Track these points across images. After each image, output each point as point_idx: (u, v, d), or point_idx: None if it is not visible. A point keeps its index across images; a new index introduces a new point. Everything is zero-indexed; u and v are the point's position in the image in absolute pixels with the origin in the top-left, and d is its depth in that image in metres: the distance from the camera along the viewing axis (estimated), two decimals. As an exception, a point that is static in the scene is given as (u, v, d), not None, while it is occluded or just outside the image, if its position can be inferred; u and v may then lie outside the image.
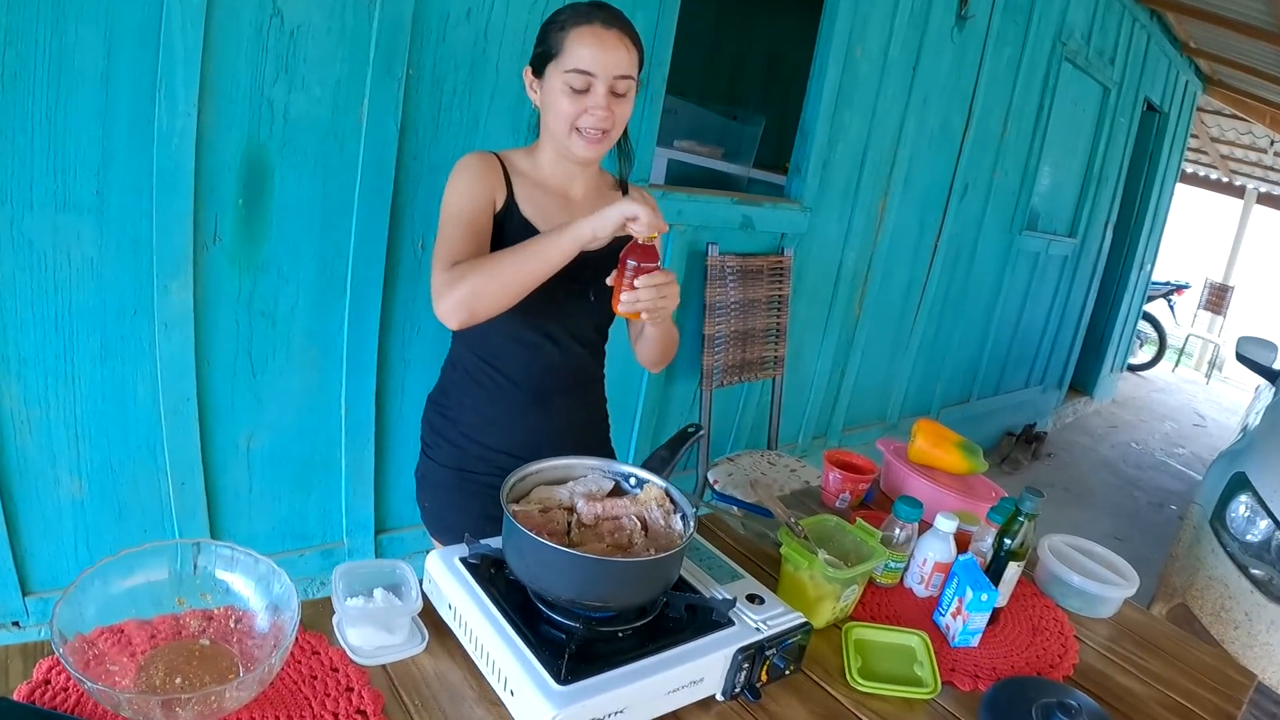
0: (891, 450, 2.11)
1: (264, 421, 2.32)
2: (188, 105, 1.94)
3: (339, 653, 1.19)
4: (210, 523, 2.32)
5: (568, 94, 1.57)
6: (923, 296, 4.42)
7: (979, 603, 1.47)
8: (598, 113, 1.58)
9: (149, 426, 2.16)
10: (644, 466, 1.38)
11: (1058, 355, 6.41)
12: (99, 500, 2.17)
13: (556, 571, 1.14)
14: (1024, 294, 5.43)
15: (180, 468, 2.22)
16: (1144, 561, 4.44)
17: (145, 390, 2.12)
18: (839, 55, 3.30)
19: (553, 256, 1.50)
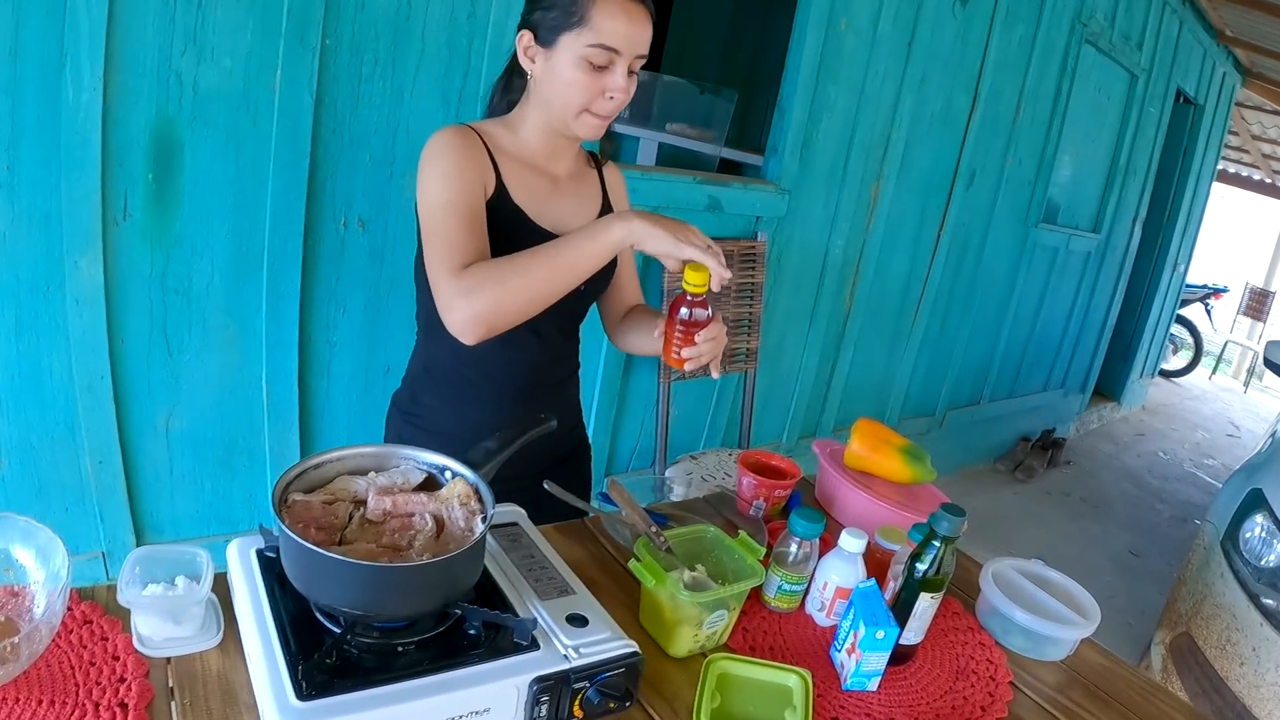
0: (827, 454, 1.90)
1: (182, 401, 2.27)
2: (93, 79, 1.90)
3: (126, 640, 1.12)
4: (130, 503, 2.29)
5: (586, 69, 1.43)
6: (924, 289, 4.26)
7: (874, 640, 1.26)
8: (619, 95, 1.46)
9: (65, 404, 2.13)
10: (465, 459, 1.24)
11: (1080, 358, 6.21)
12: (19, 477, 2.14)
13: (311, 572, 1.02)
14: (1041, 291, 5.24)
15: (98, 446, 2.18)
16: (1160, 580, 4.33)
17: (60, 367, 2.09)
18: (819, 25, 3.16)
19: (585, 266, 1.40)
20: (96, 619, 1.15)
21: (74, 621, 1.14)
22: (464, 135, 1.51)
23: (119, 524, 2.29)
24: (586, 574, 1.35)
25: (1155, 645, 3.16)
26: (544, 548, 1.30)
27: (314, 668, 0.96)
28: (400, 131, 2.32)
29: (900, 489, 1.84)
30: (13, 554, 1.11)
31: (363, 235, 2.36)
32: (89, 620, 1.15)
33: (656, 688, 1.22)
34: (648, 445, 3.37)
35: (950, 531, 1.31)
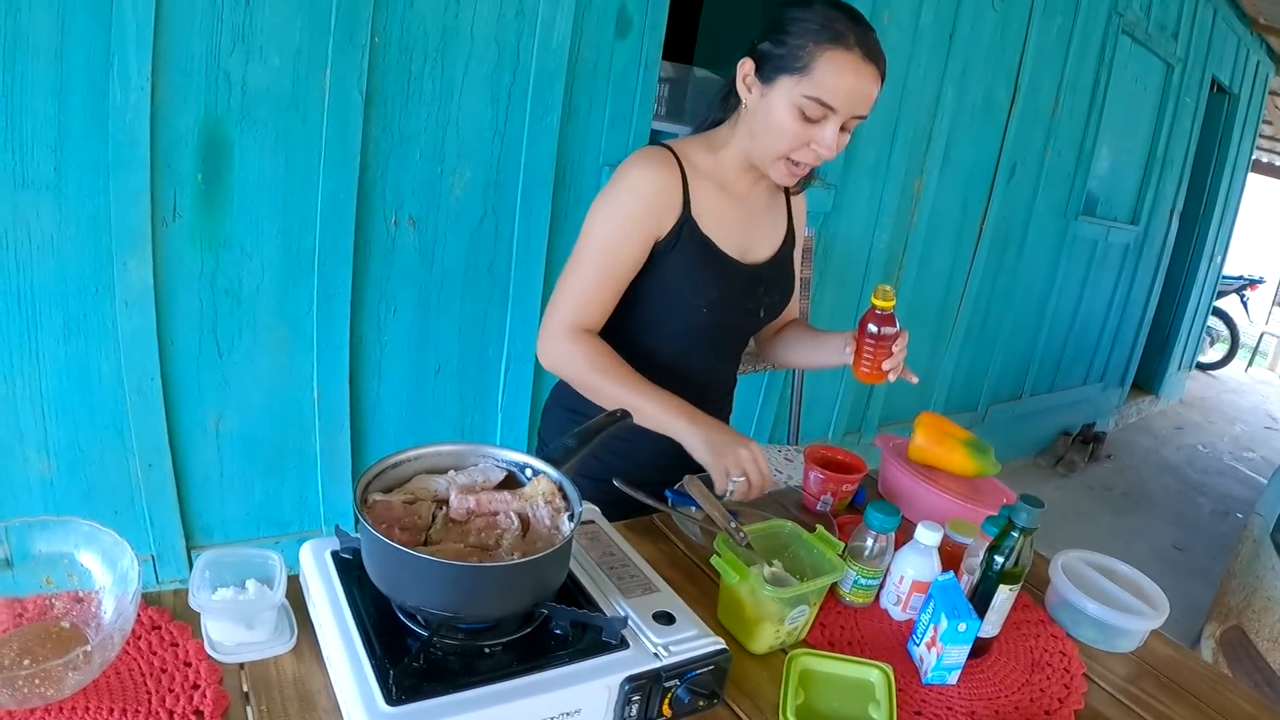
0: (890, 448, 1.86)
1: (232, 403, 2.26)
2: (141, 79, 1.89)
3: (198, 646, 1.09)
4: (180, 504, 2.29)
5: (797, 118, 1.39)
6: (967, 283, 4.21)
7: (955, 633, 1.22)
8: (823, 152, 1.42)
9: (115, 405, 2.13)
10: (545, 457, 1.20)
11: (1119, 351, 6.13)
12: (68, 479, 2.14)
13: (398, 573, 0.99)
14: (1081, 284, 5.18)
15: (147, 448, 2.18)
16: (1204, 574, 4.25)
17: (109, 369, 2.09)
18: (864, 19, 3.10)
19: (641, 420, 1.41)
20: (165, 624, 1.13)
21: (141, 627, 1.12)
22: (655, 169, 1.50)
23: (168, 527, 2.28)
24: (660, 572, 1.31)
25: (1205, 639, 3.13)
26: (623, 545, 1.27)
27: (404, 671, 0.93)
28: (450, 129, 2.29)
29: (964, 482, 1.80)
30: (77, 558, 1.09)
31: (413, 234, 2.34)
32: (157, 626, 1.12)
33: (739, 685, 1.19)
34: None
35: (1029, 523, 1.27)
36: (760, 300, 1.64)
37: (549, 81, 2.42)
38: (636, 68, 2.62)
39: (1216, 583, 3.28)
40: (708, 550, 1.43)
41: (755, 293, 1.61)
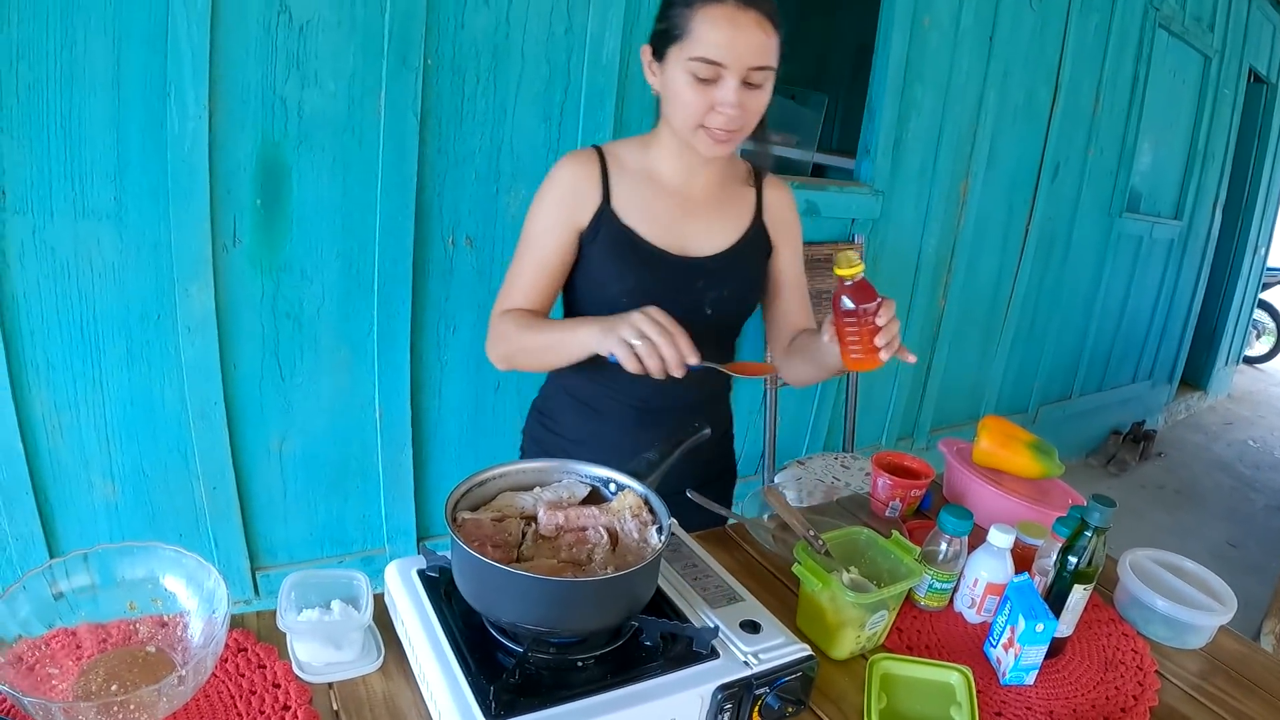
0: (954, 452, 1.86)
1: (295, 425, 2.28)
2: (198, 107, 1.92)
3: (286, 667, 1.11)
4: (245, 527, 2.31)
5: (692, 85, 1.36)
6: (1014, 285, 4.18)
7: (1033, 634, 1.22)
8: (727, 110, 1.36)
9: (178, 430, 2.15)
10: (629, 471, 1.22)
11: (1167, 347, 6.06)
12: (133, 503, 2.17)
13: (493, 590, 1.00)
14: (1127, 281, 5.13)
15: (211, 471, 2.21)
16: (1259, 571, 4.19)
17: (173, 394, 2.12)
18: (904, 25, 3.11)
19: (568, 355, 1.42)
20: (250, 646, 1.14)
21: (228, 650, 1.13)
22: (574, 164, 1.53)
23: (233, 548, 2.31)
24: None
25: (1265, 635, 3.13)
26: (704, 556, 1.28)
27: (502, 687, 0.94)
28: (504, 148, 2.31)
29: (1030, 485, 1.79)
30: (161, 582, 1.10)
31: (470, 253, 2.35)
32: (243, 648, 1.14)
33: (822, 691, 1.20)
34: (752, 452, 3.32)
35: (1102, 522, 1.28)
36: (702, 293, 1.57)
37: (600, 98, 2.43)
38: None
39: (1273, 579, 3.25)
40: (781, 558, 1.43)
41: (693, 286, 1.55)
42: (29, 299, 1.92)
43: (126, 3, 1.83)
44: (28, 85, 1.80)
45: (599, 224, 1.52)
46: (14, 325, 1.93)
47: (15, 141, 1.81)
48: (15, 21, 1.75)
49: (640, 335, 1.26)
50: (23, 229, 1.87)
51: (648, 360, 1.26)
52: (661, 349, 1.25)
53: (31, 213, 1.87)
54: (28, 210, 1.87)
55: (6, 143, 1.81)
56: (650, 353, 1.26)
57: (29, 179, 1.85)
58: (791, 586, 1.42)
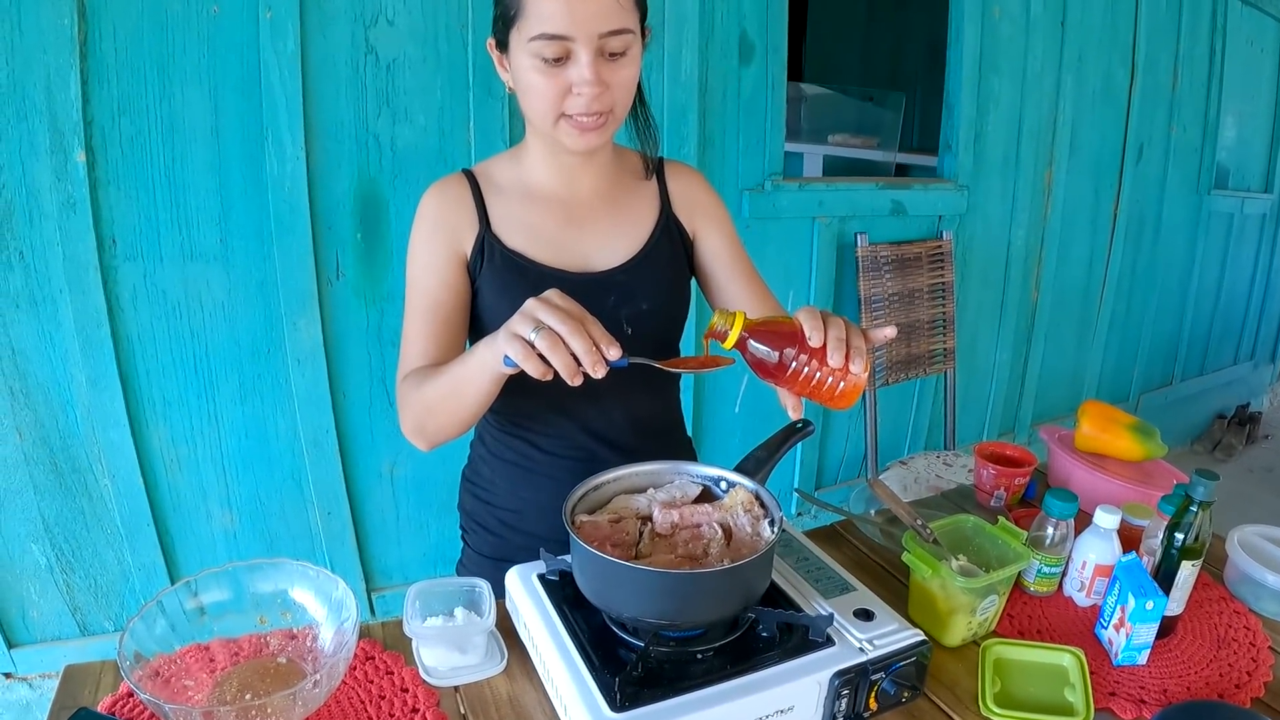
0: (1056, 439, 1.85)
1: (405, 449, 2.36)
2: (295, 149, 2.01)
3: (412, 673, 1.15)
4: (359, 550, 2.39)
5: (541, 69, 1.15)
6: (1106, 271, 4.11)
7: (1144, 612, 1.21)
8: (586, 89, 1.15)
9: (292, 459, 2.24)
10: (737, 469, 1.24)
11: (1267, 326, 5.86)
12: (250, 531, 2.27)
13: (615, 586, 1.04)
14: (1221, 260, 4.98)
15: (326, 498, 2.29)
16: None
17: (285, 424, 2.20)
18: (975, 18, 3.10)
19: (474, 390, 1.16)
20: (378, 654, 1.19)
21: (356, 659, 1.18)
22: (439, 192, 1.35)
23: (349, 571, 2.39)
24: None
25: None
26: (815, 549, 1.30)
27: (626, 679, 0.97)
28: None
29: (1133, 467, 1.78)
30: (291, 596, 1.15)
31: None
32: (370, 656, 1.19)
33: (936, 677, 1.21)
34: (854, 455, 3.33)
35: (1207, 496, 1.26)
36: (616, 311, 1.34)
37: (682, 113, 2.48)
38: (764, 90, 2.67)
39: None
40: (890, 551, 1.44)
41: (603, 305, 1.30)
42: (144, 340, 2.04)
43: (220, 54, 1.93)
44: (130, 138, 1.91)
45: (482, 253, 1.32)
46: (130, 366, 2.04)
47: (122, 192, 1.93)
48: (115, 79, 1.87)
49: (537, 325, 0.99)
50: (134, 274, 1.98)
51: (552, 357, 0.98)
52: (568, 340, 0.98)
53: (142, 258, 1.98)
54: (138, 256, 1.98)
55: (115, 194, 1.92)
56: (554, 345, 0.98)
57: (137, 227, 1.96)
58: (902, 579, 1.42)
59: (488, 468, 1.49)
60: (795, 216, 2.85)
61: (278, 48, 1.96)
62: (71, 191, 1.88)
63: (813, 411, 3.13)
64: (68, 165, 1.86)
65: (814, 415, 3.15)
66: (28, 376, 1.98)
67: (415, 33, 2.09)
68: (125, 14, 1.85)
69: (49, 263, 1.91)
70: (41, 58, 1.80)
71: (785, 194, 2.79)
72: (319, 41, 2.01)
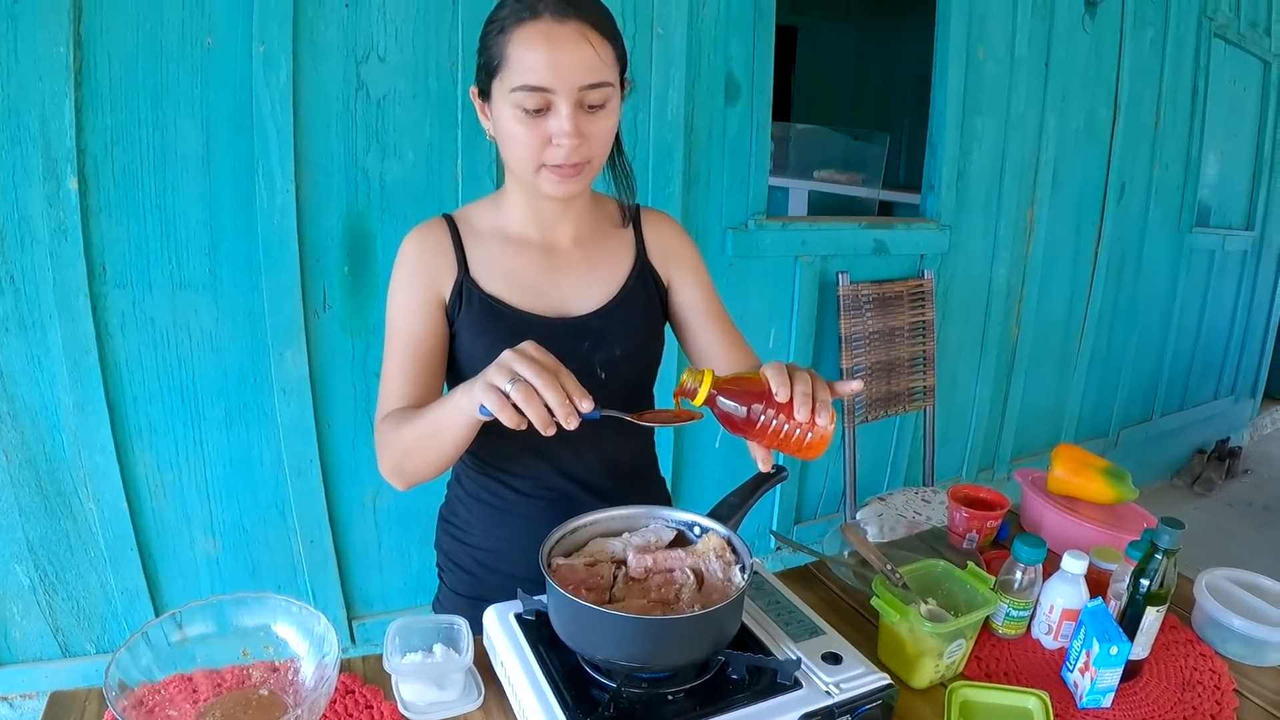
0: (1029, 481, 1.87)
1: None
2: (285, 182, 2.03)
3: (391, 707, 1.17)
4: (341, 578, 2.40)
5: (521, 119, 1.18)
6: (1087, 308, 4.15)
7: (1108, 657, 1.24)
8: (565, 141, 1.18)
9: (276, 488, 2.25)
10: (711, 514, 1.27)
11: (1248, 361, 5.92)
12: (233, 558, 2.28)
13: (588, 630, 1.06)
14: (1202, 296, 5.03)
15: (309, 526, 2.30)
16: (1353, 585, 4.05)
17: (270, 453, 2.21)
18: (959, 58, 3.15)
19: (451, 435, 1.18)
20: (358, 689, 1.21)
21: (337, 693, 1.20)
22: (420, 237, 1.37)
23: (330, 599, 2.39)
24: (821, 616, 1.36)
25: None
26: (785, 592, 1.32)
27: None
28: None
29: (1105, 510, 1.80)
30: (273, 630, 1.17)
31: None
32: (350, 690, 1.20)
33: (904, 718, 1.23)
34: (833, 490, 3.36)
35: (1171, 544, 1.29)
36: (590, 357, 1.37)
37: (668, 153, 2.51)
38: (749, 130, 2.71)
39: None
40: (862, 593, 1.47)
41: (577, 350, 1.35)
42: (131, 367, 2.05)
43: (213, 87, 1.96)
44: (123, 167, 1.93)
45: (460, 298, 1.34)
46: (118, 392, 2.05)
47: (113, 220, 1.95)
48: (109, 109, 1.89)
49: (513, 377, 1.03)
50: (123, 301, 2.00)
51: (527, 408, 1.02)
52: (543, 392, 1.02)
53: (131, 286, 2.00)
54: (127, 284, 1.99)
55: (106, 222, 1.94)
56: (529, 397, 1.02)
57: (128, 254, 1.98)
58: (873, 620, 1.43)
59: (464, 508, 1.52)
60: (778, 255, 2.88)
61: (270, 81, 1.98)
62: (63, 218, 1.90)
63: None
64: (60, 192, 1.88)
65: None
66: (15, 400, 1.99)
67: (406, 69, 2.12)
68: (120, 44, 1.87)
69: (39, 288, 1.92)
70: (37, 85, 1.82)
71: (768, 233, 2.81)
72: (311, 76, 2.03)
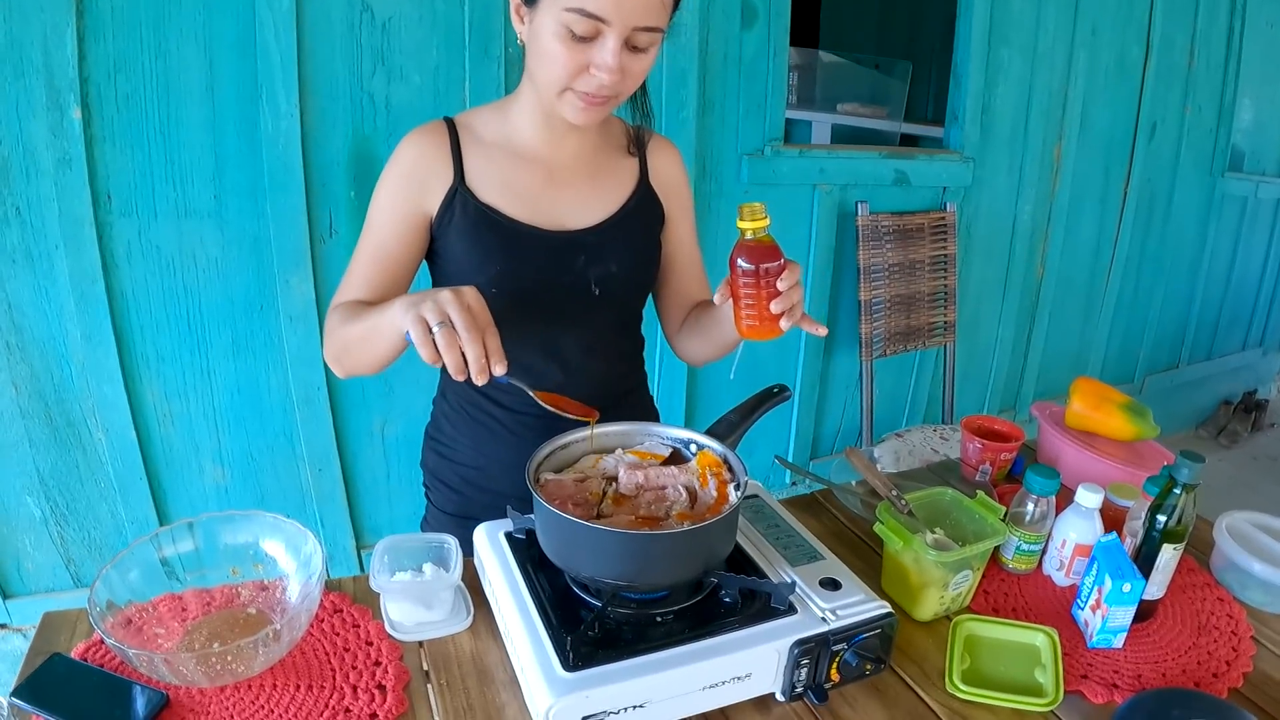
0: (1046, 415, 1.82)
1: (396, 408, 2.37)
2: (289, 107, 2.00)
3: (378, 626, 1.17)
4: (350, 507, 2.41)
5: (565, 40, 1.13)
6: (1115, 250, 4.05)
7: (1121, 594, 1.19)
8: (603, 75, 1.15)
9: (284, 416, 2.26)
10: (708, 431, 1.23)
11: (1278, 312, 5.81)
12: (242, 487, 2.29)
13: (573, 545, 1.04)
14: (1233, 244, 4.91)
15: (317, 455, 2.31)
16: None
17: (277, 381, 2.22)
18: (985, -14, 3.03)
19: (384, 343, 1.17)
20: (346, 608, 1.20)
21: (324, 611, 1.19)
22: (418, 140, 1.34)
23: (339, 527, 2.40)
24: (824, 543, 1.33)
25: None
26: (786, 517, 1.29)
27: (580, 639, 0.97)
28: (587, 129, 2.34)
29: (1124, 447, 1.76)
30: (262, 547, 1.17)
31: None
32: (339, 609, 1.20)
33: (905, 651, 1.20)
34: (851, 426, 3.33)
35: (1191, 478, 1.23)
36: (585, 271, 1.36)
37: (682, 77, 2.46)
38: (765, 56, 2.64)
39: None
40: (868, 522, 1.43)
41: (572, 264, 1.35)
42: (137, 296, 2.05)
43: (215, 12, 1.93)
44: (126, 95, 1.91)
45: (453, 205, 1.32)
46: (124, 321, 2.04)
47: (117, 149, 1.93)
48: (111, 36, 1.86)
49: (442, 318, 1.03)
50: (129, 230, 1.99)
51: (445, 353, 1.03)
52: (464, 345, 1.03)
53: (136, 214, 1.99)
54: (132, 212, 1.98)
55: (110, 150, 1.92)
56: (450, 344, 1.02)
57: (132, 183, 1.96)
58: (879, 551, 1.40)
59: (450, 424, 1.51)
60: (796, 183, 2.83)
61: (273, 5, 1.94)
62: (67, 148, 1.88)
63: (810, 382, 3.12)
64: (64, 122, 1.86)
65: (811, 386, 3.15)
66: (23, 331, 1.99)
67: (411, -9, 2.08)
68: (121, -30, 1.84)
69: (45, 218, 1.92)
70: (39, 15, 1.80)
71: (786, 160, 2.77)
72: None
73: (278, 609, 1.14)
